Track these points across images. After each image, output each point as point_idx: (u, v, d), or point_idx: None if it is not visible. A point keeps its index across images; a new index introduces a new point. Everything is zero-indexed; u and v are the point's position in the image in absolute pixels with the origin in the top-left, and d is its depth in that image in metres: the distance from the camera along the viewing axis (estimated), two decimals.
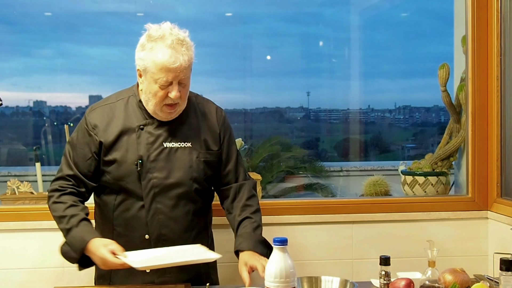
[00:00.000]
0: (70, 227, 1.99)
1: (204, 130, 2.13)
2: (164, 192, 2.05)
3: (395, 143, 6.44)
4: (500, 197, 2.72)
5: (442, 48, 5.48)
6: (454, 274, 1.92)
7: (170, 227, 2.06)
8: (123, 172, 2.04)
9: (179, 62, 1.94)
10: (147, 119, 2.07)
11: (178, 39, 1.97)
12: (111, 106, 2.10)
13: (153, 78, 1.97)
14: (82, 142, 2.08)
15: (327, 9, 6.10)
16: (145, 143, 2.04)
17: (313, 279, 1.94)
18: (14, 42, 5.68)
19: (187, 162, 2.07)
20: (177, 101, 2.00)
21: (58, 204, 2.04)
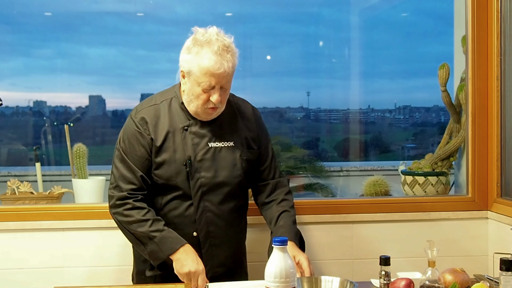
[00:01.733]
0: (156, 229, 2.05)
1: (244, 129, 2.21)
2: (211, 191, 2.12)
3: (395, 143, 6.44)
4: (500, 197, 2.72)
5: (442, 48, 5.47)
6: (454, 274, 1.92)
7: (217, 224, 2.14)
8: (173, 172, 2.10)
9: (223, 69, 2.01)
10: (190, 120, 2.13)
11: (224, 45, 2.03)
12: (155, 108, 2.15)
13: (197, 81, 2.03)
14: (136, 144, 2.12)
15: (327, 9, 6.09)
16: (191, 144, 2.11)
17: (313, 279, 1.94)
18: (13, 42, 5.67)
19: (231, 161, 2.15)
20: (218, 105, 2.06)
21: (135, 209, 2.08)
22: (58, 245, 2.60)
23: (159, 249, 2.04)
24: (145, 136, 2.11)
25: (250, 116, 2.26)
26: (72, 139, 3.01)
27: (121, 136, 2.17)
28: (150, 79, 6.13)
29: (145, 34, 5.79)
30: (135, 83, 6.14)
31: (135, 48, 6.04)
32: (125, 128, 2.17)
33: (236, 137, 2.18)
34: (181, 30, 6.09)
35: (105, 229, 2.61)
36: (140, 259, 2.23)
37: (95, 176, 3.08)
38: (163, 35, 5.91)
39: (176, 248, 2.02)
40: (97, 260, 2.62)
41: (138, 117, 2.13)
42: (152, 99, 2.19)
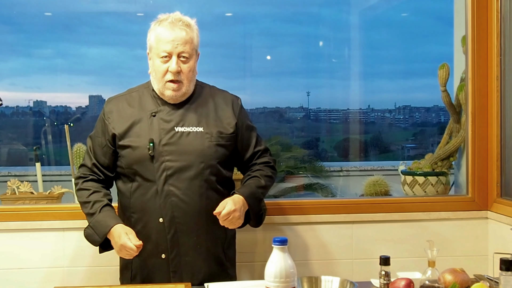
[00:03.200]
0: (93, 212, 2.15)
1: (218, 116, 2.23)
2: (176, 175, 2.14)
3: (395, 143, 6.44)
4: (500, 197, 2.72)
5: (442, 48, 5.47)
6: (454, 274, 1.92)
7: (183, 209, 2.14)
8: (136, 157, 2.15)
9: (175, 34, 2.12)
10: (160, 106, 2.19)
11: (178, 18, 2.18)
12: (126, 97, 2.26)
13: (156, 53, 2.15)
14: (99, 131, 2.24)
15: (326, 9, 6.10)
16: (157, 129, 2.16)
17: (313, 279, 1.94)
18: (13, 42, 5.68)
19: (199, 146, 2.16)
20: (177, 77, 2.13)
21: (82, 190, 2.22)
22: (58, 245, 2.60)
23: (93, 232, 2.14)
24: (107, 125, 2.20)
25: (226, 104, 2.27)
26: (72, 139, 3.01)
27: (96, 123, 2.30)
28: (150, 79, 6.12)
29: (144, 34, 5.78)
30: (134, 83, 6.12)
31: (134, 48, 6.04)
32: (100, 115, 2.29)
33: (206, 123, 2.19)
34: None
35: None
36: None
37: None
38: None
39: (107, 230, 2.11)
40: (97, 260, 2.61)
41: (107, 106, 2.25)
42: (127, 90, 2.31)
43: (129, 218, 2.20)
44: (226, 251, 2.27)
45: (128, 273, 2.25)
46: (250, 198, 2.16)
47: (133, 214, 2.18)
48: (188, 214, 2.13)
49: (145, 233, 2.13)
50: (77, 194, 2.24)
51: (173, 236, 2.14)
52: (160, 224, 2.13)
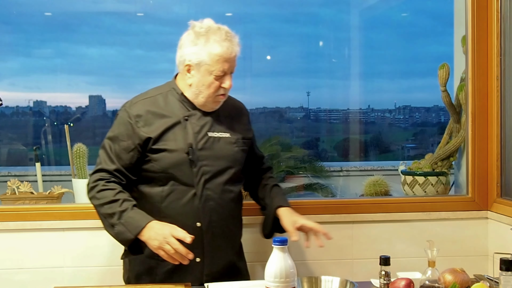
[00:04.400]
0: (124, 209, 2.02)
1: (238, 121, 2.27)
2: (212, 179, 2.14)
3: (395, 143, 6.44)
4: (500, 197, 2.72)
5: (442, 48, 5.48)
6: (454, 274, 1.92)
7: (219, 213, 2.15)
8: (174, 160, 2.11)
9: (234, 53, 2.11)
10: (190, 111, 2.17)
11: (228, 31, 2.12)
12: (151, 100, 2.18)
13: (208, 70, 2.09)
14: (124, 135, 2.13)
15: (326, 9, 6.10)
16: (192, 133, 2.14)
17: (313, 279, 1.94)
18: (12, 42, 5.68)
19: (229, 151, 2.19)
20: (228, 91, 2.15)
21: (106, 190, 2.07)
22: (58, 245, 2.60)
23: (126, 229, 1.99)
24: (136, 129, 2.11)
25: (241, 109, 2.34)
26: (72, 139, 3.01)
27: (112, 126, 2.20)
28: (149, 79, 6.12)
29: (143, 34, 5.79)
30: (134, 83, 6.14)
31: (133, 48, 6.05)
32: (117, 118, 2.19)
33: (232, 128, 2.23)
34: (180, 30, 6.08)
35: (105, 229, 2.61)
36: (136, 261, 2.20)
37: None
38: (161, 35, 5.92)
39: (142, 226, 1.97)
40: (97, 260, 2.61)
41: (133, 109, 2.14)
42: (147, 93, 2.22)
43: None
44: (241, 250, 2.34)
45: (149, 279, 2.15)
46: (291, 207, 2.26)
47: (164, 219, 2.08)
48: (223, 218, 2.15)
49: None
50: (98, 196, 2.08)
51: (210, 241, 2.13)
52: (197, 228, 2.11)
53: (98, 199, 2.08)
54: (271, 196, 2.30)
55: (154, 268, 2.15)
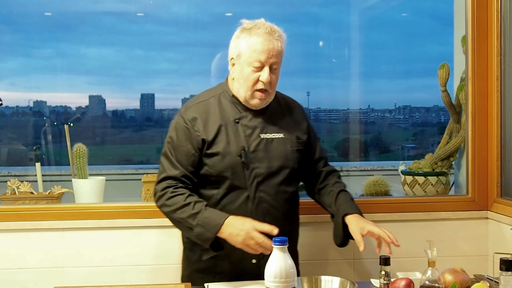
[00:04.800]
0: (197, 211, 2.05)
1: (292, 121, 2.26)
2: (265, 181, 2.15)
3: (395, 143, 6.43)
4: (500, 197, 2.72)
5: (442, 48, 5.47)
6: (454, 274, 1.92)
7: (273, 215, 2.15)
8: (227, 164, 2.12)
9: (272, 45, 2.09)
10: (241, 113, 2.17)
11: (272, 27, 2.12)
12: (205, 103, 2.20)
13: (247, 61, 2.10)
14: (183, 140, 2.15)
15: (326, 9, 6.09)
16: (243, 135, 2.14)
17: (313, 279, 1.94)
18: (12, 42, 5.67)
19: (283, 152, 2.19)
20: (267, 87, 2.11)
21: (176, 196, 2.10)
22: (58, 245, 2.60)
23: (205, 229, 2.02)
24: (193, 133, 2.14)
25: (297, 109, 2.32)
26: (72, 139, 3.01)
27: (169, 132, 2.21)
28: (149, 79, 6.13)
29: (143, 34, 5.79)
30: (134, 83, 6.14)
31: (133, 48, 6.04)
32: (174, 124, 2.21)
33: (285, 129, 2.22)
34: (180, 30, 6.09)
35: (105, 229, 2.61)
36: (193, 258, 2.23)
37: (95, 176, 3.08)
38: (161, 35, 5.91)
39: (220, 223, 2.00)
40: (97, 260, 2.61)
41: (188, 114, 2.17)
42: (200, 96, 2.24)
43: None
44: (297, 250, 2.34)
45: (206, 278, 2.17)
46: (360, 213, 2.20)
47: None
48: (277, 219, 2.14)
49: None
50: (168, 203, 2.10)
51: None
52: None
53: (169, 206, 2.10)
54: (337, 203, 2.24)
55: (213, 267, 2.17)
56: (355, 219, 2.14)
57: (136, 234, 2.63)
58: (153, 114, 6.29)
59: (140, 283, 2.53)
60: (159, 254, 2.64)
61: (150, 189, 2.93)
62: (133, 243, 2.63)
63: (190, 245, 2.25)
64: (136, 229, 2.63)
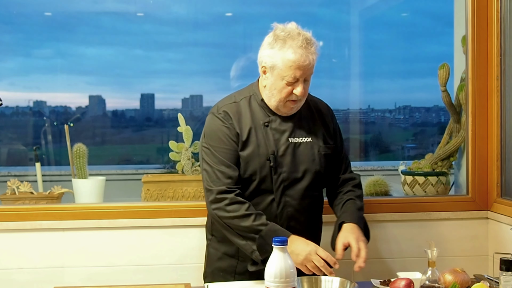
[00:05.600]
0: (261, 223, 2.03)
1: (320, 125, 2.24)
2: (292, 186, 2.14)
3: (395, 143, 6.43)
4: (500, 197, 2.72)
5: (442, 48, 5.48)
6: (454, 274, 1.92)
7: (297, 219, 2.15)
8: (257, 167, 2.12)
9: (308, 61, 2.05)
10: (270, 116, 2.16)
11: (307, 38, 2.07)
12: (236, 105, 2.19)
13: (281, 75, 2.07)
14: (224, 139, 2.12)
15: (326, 9, 6.09)
16: (273, 139, 2.13)
17: (313, 279, 1.94)
18: (11, 42, 5.67)
19: (310, 156, 2.17)
20: (300, 97, 2.10)
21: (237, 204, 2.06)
22: (58, 245, 2.60)
23: (266, 242, 1.97)
24: (232, 130, 2.13)
25: (326, 112, 2.29)
26: (72, 139, 3.01)
27: (205, 134, 2.18)
28: (149, 79, 6.12)
29: (143, 34, 5.79)
30: (134, 83, 6.14)
31: (132, 48, 6.03)
32: (208, 126, 2.18)
33: (313, 133, 2.21)
34: (179, 30, 6.09)
35: (105, 229, 2.61)
36: (216, 257, 2.23)
37: (95, 176, 3.08)
38: (161, 35, 5.91)
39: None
40: (97, 260, 2.61)
41: (222, 113, 2.16)
42: (231, 97, 2.22)
43: None
44: None
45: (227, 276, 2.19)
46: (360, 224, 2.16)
47: None
48: (302, 223, 2.15)
49: None
50: (228, 209, 2.06)
51: None
52: None
53: (229, 212, 2.06)
54: (341, 210, 2.22)
55: (234, 267, 2.18)
56: (347, 228, 2.12)
57: (136, 234, 2.63)
58: (153, 114, 6.29)
59: (140, 283, 2.53)
60: (159, 254, 2.64)
61: (150, 189, 2.93)
62: (133, 243, 2.63)
63: (214, 243, 2.25)
64: (136, 229, 2.63)
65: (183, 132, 2.98)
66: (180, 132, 2.99)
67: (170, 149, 2.99)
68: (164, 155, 4.68)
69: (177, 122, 2.99)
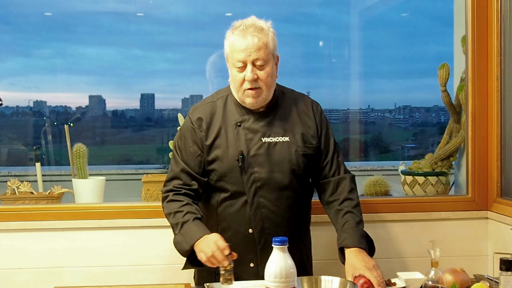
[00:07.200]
0: (186, 220, 2.03)
1: (301, 124, 2.19)
2: (265, 186, 2.12)
3: (395, 143, 6.43)
4: (500, 197, 2.72)
5: (442, 48, 5.48)
6: (454, 274, 1.92)
7: (272, 220, 2.13)
8: (226, 168, 2.11)
9: (246, 42, 2.04)
10: (244, 115, 2.14)
11: (250, 24, 2.09)
12: (212, 104, 2.19)
13: (231, 62, 2.09)
14: (190, 141, 2.15)
15: (326, 9, 6.09)
16: (244, 139, 2.12)
17: (313, 279, 1.93)
18: (11, 42, 5.68)
19: (286, 156, 2.14)
20: (255, 84, 2.07)
21: (174, 202, 2.10)
22: (58, 245, 2.60)
23: (183, 239, 2.00)
24: (198, 133, 2.14)
25: (308, 110, 2.22)
26: (72, 139, 3.01)
27: (177, 133, 2.23)
28: (149, 79, 6.13)
29: (142, 34, 5.79)
30: (134, 83, 6.14)
31: (132, 48, 6.04)
32: (182, 125, 2.23)
33: (291, 132, 2.16)
34: (179, 30, 6.09)
35: (105, 229, 2.61)
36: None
37: (95, 176, 3.08)
38: (160, 35, 5.91)
39: (197, 238, 1.96)
40: (97, 260, 2.61)
41: (194, 115, 2.18)
42: (209, 97, 2.24)
43: (215, 225, 2.16)
44: (307, 254, 2.31)
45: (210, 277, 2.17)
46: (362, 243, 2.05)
47: (220, 223, 2.15)
48: (278, 224, 2.12)
49: (233, 241, 2.02)
50: (166, 206, 2.12)
51: (263, 247, 2.12)
52: (250, 234, 2.13)
53: (166, 208, 2.12)
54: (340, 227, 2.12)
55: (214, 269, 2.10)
56: (351, 255, 2.01)
57: (136, 234, 2.63)
58: (153, 114, 6.29)
59: (140, 283, 2.53)
60: (159, 254, 2.63)
61: (150, 189, 2.93)
62: (133, 243, 2.63)
63: None
64: (136, 229, 2.63)
65: None
66: None
67: (170, 149, 2.99)
68: (164, 155, 4.68)
69: (177, 122, 2.99)
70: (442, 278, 1.77)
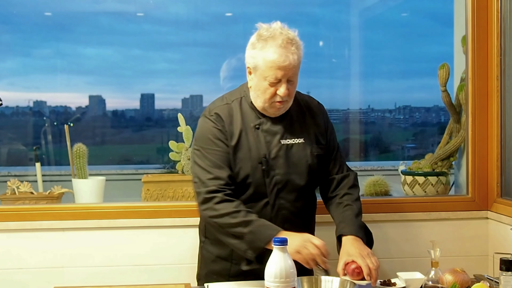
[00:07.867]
0: (251, 219, 1.99)
1: (312, 125, 2.21)
2: (285, 188, 2.12)
3: (395, 143, 6.43)
4: (500, 197, 2.72)
5: (442, 48, 5.48)
6: (454, 274, 1.92)
7: (293, 222, 2.13)
8: (249, 170, 2.09)
9: (288, 61, 2.01)
10: (261, 118, 2.13)
11: (288, 38, 2.04)
12: (228, 107, 2.15)
13: (263, 75, 2.03)
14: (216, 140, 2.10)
15: (326, 9, 6.09)
16: (264, 142, 2.11)
17: (313, 279, 1.93)
18: (11, 42, 5.67)
19: (303, 157, 2.15)
20: (285, 98, 2.06)
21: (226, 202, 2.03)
22: (58, 245, 2.60)
23: (257, 238, 1.96)
24: (224, 132, 2.10)
25: (317, 111, 2.25)
26: (72, 139, 3.01)
27: (197, 137, 2.16)
28: (149, 79, 6.13)
29: (142, 34, 5.79)
30: (133, 83, 6.14)
31: (132, 48, 6.04)
32: (200, 128, 2.16)
33: (305, 133, 2.17)
34: (179, 30, 6.09)
35: (105, 229, 2.61)
36: (209, 259, 2.20)
37: (95, 176, 3.08)
38: (160, 35, 5.91)
39: (274, 234, 1.92)
40: (97, 260, 2.61)
41: (214, 115, 2.13)
42: (223, 99, 2.19)
43: None
44: None
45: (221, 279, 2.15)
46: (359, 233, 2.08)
47: None
48: (296, 226, 2.10)
49: None
50: (216, 208, 2.02)
51: None
52: None
53: (217, 210, 2.02)
54: (339, 219, 2.15)
55: (228, 270, 2.15)
56: (347, 243, 2.04)
57: (136, 234, 2.63)
58: (153, 114, 6.29)
59: (140, 283, 2.53)
60: (159, 254, 2.63)
61: (150, 189, 2.93)
62: (133, 243, 2.63)
63: (207, 245, 2.23)
64: (136, 229, 2.63)
65: (183, 132, 2.98)
66: (180, 132, 3.00)
67: (170, 149, 3.00)
68: (164, 155, 4.68)
69: (177, 122, 3.00)
70: (442, 278, 1.77)
